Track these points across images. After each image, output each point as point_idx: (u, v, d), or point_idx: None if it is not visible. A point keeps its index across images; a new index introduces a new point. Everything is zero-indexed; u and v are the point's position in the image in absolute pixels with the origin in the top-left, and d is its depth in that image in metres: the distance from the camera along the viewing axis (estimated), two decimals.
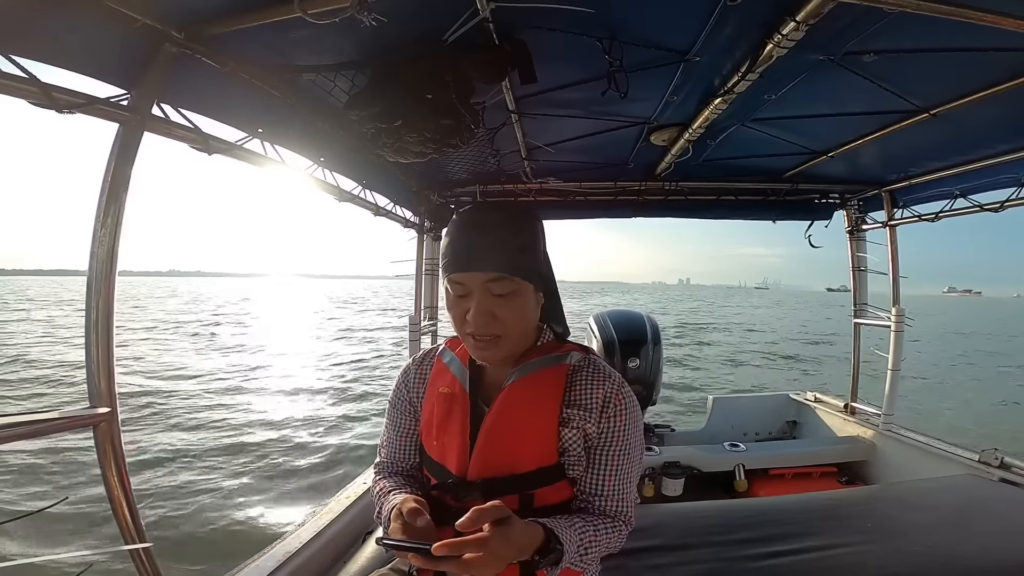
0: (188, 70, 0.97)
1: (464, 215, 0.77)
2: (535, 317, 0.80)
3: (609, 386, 0.77)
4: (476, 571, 0.57)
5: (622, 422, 0.76)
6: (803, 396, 3.10)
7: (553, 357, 0.80)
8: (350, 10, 0.78)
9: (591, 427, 0.76)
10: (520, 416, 0.76)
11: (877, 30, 0.98)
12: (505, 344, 0.75)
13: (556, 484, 0.75)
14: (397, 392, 0.91)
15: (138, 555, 0.94)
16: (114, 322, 0.91)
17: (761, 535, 1.27)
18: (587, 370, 0.79)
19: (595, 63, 1.11)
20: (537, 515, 0.72)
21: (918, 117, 1.43)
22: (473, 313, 0.73)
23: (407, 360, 0.97)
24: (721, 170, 2.19)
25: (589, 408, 0.76)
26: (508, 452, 0.75)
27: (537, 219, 0.80)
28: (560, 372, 0.78)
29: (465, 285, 0.74)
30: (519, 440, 0.75)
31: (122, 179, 0.89)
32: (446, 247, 0.76)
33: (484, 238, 0.73)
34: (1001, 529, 1.35)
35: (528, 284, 0.75)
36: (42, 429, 0.81)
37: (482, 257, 0.72)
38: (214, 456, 5.13)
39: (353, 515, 1.67)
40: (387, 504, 0.79)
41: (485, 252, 0.72)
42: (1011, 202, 1.89)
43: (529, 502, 0.74)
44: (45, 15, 0.75)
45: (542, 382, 0.77)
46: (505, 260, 0.72)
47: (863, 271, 2.64)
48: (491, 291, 0.73)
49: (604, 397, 0.76)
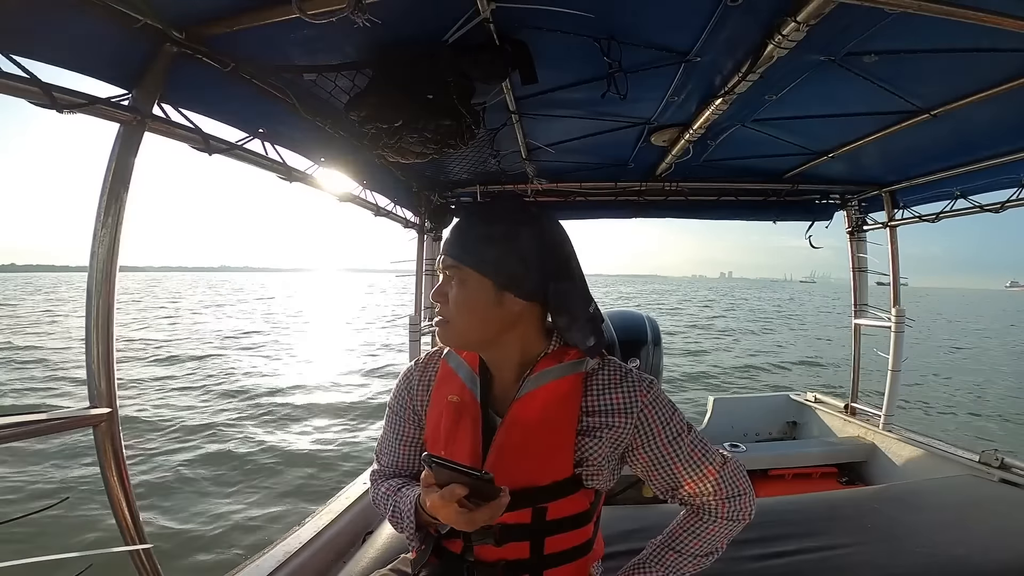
0: (189, 70, 0.97)
1: (468, 209, 0.81)
2: (493, 316, 0.74)
3: (629, 385, 0.74)
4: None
5: (658, 414, 0.74)
6: (803, 397, 3.10)
7: (568, 364, 0.76)
8: (346, 11, 0.77)
9: (622, 432, 0.73)
10: (535, 429, 0.73)
11: (878, 31, 0.98)
12: (451, 330, 0.76)
13: (571, 496, 0.73)
14: (398, 397, 0.87)
15: (138, 556, 0.93)
16: (114, 322, 0.91)
17: (760, 536, 1.27)
18: (604, 373, 0.76)
19: (596, 63, 1.11)
20: (551, 527, 0.72)
21: (919, 118, 1.43)
22: (433, 290, 0.78)
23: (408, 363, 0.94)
24: (722, 171, 2.19)
25: (613, 412, 0.73)
26: (522, 466, 0.72)
27: (536, 228, 0.75)
28: (576, 380, 0.75)
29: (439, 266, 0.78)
30: (534, 454, 0.72)
31: (123, 179, 0.89)
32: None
33: (469, 230, 0.76)
34: (1001, 530, 1.35)
35: (480, 276, 0.73)
36: (42, 429, 0.81)
37: (455, 246, 0.76)
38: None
39: (353, 515, 1.67)
40: (402, 500, 0.77)
41: (459, 243, 0.75)
42: (1012, 203, 1.89)
43: (542, 515, 0.72)
44: (46, 15, 0.75)
45: (557, 392, 0.74)
46: (467, 252, 0.74)
47: (863, 272, 2.64)
48: (450, 277, 0.76)
49: (627, 398, 0.74)
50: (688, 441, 0.75)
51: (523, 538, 0.72)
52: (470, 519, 0.62)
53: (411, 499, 0.75)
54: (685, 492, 0.76)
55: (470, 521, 0.62)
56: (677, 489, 0.76)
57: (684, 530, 0.78)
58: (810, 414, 2.98)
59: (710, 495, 0.76)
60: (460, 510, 0.61)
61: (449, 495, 0.60)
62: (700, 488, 0.75)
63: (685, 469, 0.74)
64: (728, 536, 0.78)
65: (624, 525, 1.09)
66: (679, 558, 0.77)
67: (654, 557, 0.79)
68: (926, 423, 6.42)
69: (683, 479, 0.75)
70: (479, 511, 0.62)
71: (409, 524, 0.75)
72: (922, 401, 8.00)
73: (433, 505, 0.63)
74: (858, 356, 2.74)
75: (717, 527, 0.77)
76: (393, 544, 1.24)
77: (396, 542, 1.24)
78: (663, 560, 0.78)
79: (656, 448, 0.74)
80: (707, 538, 0.77)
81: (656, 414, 0.74)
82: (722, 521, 0.76)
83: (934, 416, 7.22)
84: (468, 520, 0.62)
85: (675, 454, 0.74)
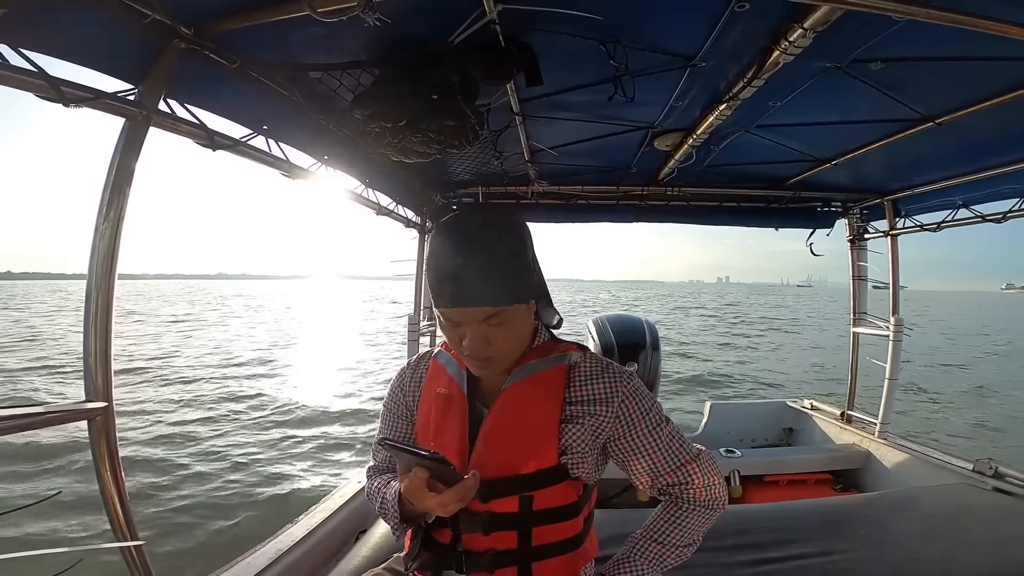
0: (195, 67, 0.97)
1: (447, 236, 0.70)
2: (530, 327, 0.79)
3: (610, 377, 0.77)
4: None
5: (637, 404, 0.76)
6: (800, 404, 3.10)
7: (553, 358, 0.79)
8: (356, 9, 0.78)
9: (603, 422, 0.75)
10: (520, 417, 0.75)
11: (885, 38, 0.98)
12: (503, 362, 0.75)
13: (558, 486, 0.75)
14: (392, 396, 0.90)
15: (129, 553, 0.92)
16: (113, 317, 0.90)
17: (755, 541, 1.27)
18: (586, 365, 0.79)
19: (600, 67, 1.11)
20: (538, 518, 0.74)
21: (923, 126, 1.43)
22: (469, 342, 0.70)
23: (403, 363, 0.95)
24: (724, 176, 2.19)
25: (594, 402, 0.76)
26: (508, 454, 0.74)
27: (524, 229, 0.75)
28: (560, 371, 0.78)
29: (458, 319, 0.70)
30: (519, 442, 0.75)
31: (126, 174, 0.89)
32: (432, 273, 0.70)
33: (474, 268, 0.67)
34: (995, 538, 1.35)
35: (518, 306, 0.71)
36: (37, 422, 0.81)
37: (474, 292, 0.67)
38: None
39: (347, 514, 1.67)
40: (389, 491, 0.80)
41: (478, 286, 0.67)
42: (1014, 213, 1.90)
43: (529, 504, 0.74)
44: (54, 9, 0.75)
45: (542, 382, 0.77)
46: (499, 292, 0.68)
47: (863, 280, 2.64)
48: (487, 322, 0.69)
49: (608, 389, 0.76)
50: (667, 432, 0.78)
51: (511, 527, 0.74)
52: (440, 502, 0.66)
53: (395, 492, 0.78)
54: (664, 481, 0.78)
55: (441, 504, 0.66)
56: (657, 478, 0.78)
57: (665, 521, 0.80)
58: (806, 421, 2.98)
59: (688, 484, 0.78)
60: (430, 493, 0.66)
61: (414, 477, 0.66)
62: (679, 477, 0.78)
63: (664, 458, 0.77)
64: (705, 525, 0.81)
65: (619, 528, 1.09)
66: (662, 549, 0.79)
67: (638, 551, 0.80)
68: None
69: (662, 467, 0.77)
70: (447, 493, 0.66)
71: (394, 514, 0.78)
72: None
73: (406, 490, 0.68)
74: (856, 364, 2.74)
75: (696, 515, 0.79)
76: (386, 543, 1.24)
77: (389, 541, 1.24)
78: (646, 553, 0.79)
79: (636, 437, 0.76)
80: (687, 527, 0.79)
81: (635, 404, 0.76)
82: (700, 510, 0.79)
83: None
84: (439, 503, 0.66)
85: (655, 443, 0.77)
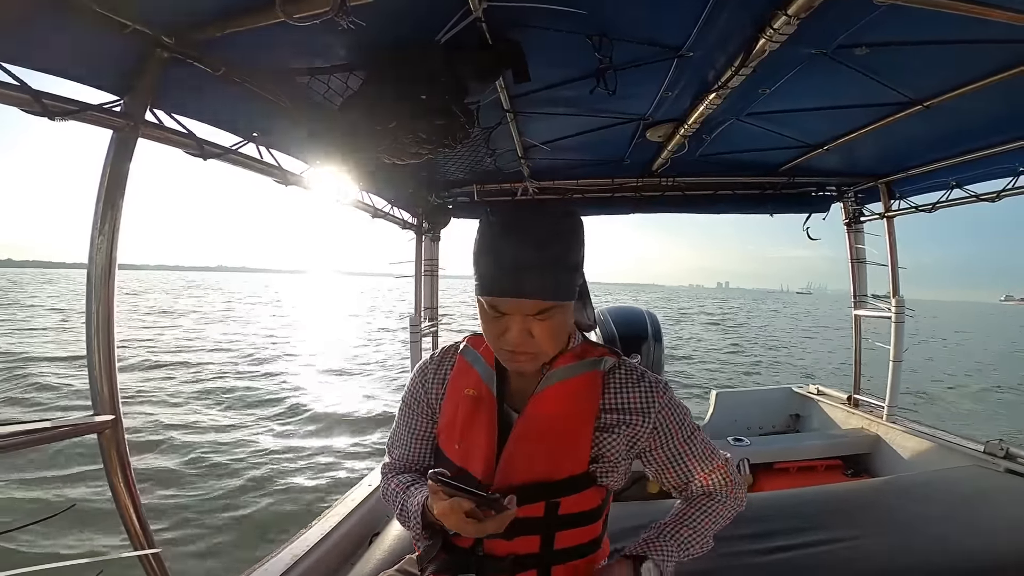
0: (180, 75, 0.97)
1: (506, 223, 0.68)
2: (570, 326, 0.77)
3: (646, 386, 0.77)
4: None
5: (673, 416, 0.77)
6: (806, 389, 3.11)
7: (587, 362, 0.77)
8: (330, 13, 0.77)
9: (640, 432, 0.75)
10: (552, 423, 0.74)
11: (868, 23, 0.98)
12: (541, 358, 0.74)
13: (584, 492, 0.74)
14: (412, 391, 0.87)
15: (147, 561, 0.93)
16: (115, 327, 0.90)
17: (767, 530, 1.27)
18: (621, 373, 0.78)
19: (589, 61, 1.11)
20: (562, 523, 0.74)
21: (912, 109, 1.43)
22: (512, 335, 0.68)
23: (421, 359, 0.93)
24: (717, 165, 2.19)
25: (629, 411, 0.75)
26: (538, 460, 0.73)
27: (582, 225, 0.73)
28: (595, 377, 0.76)
29: (507, 309, 0.68)
30: (551, 447, 0.73)
31: (118, 185, 0.89)
32: (483, 258, 0.68)
33: (537, 260, 0.65)
34: (1007, 520, 1.35)
35: (564, 303, 0.70)
36: (45, 438, 0.81)
37: (533, 284, 0.66)
38: None
39: (360, 517, 1.67)
40: (411, 501, 0.78)
41: (535, 275, 0.66)
42: (1007, 192, 1.90)
43: (554, 510, 0.73)
44: (35, 22, 0.75)
45: (576, 388, 0.75)
46: (555, 287, 0.67)
47: (862, 263, 2.65)
48: (535, 316, 0.68)
49: (645, 399, 0.76)
50: (700, 440, 0.80)
51: (534, 532, 0.73)
52: (479, 529, 0.64)
53: (418, 502, 0.76)
54: (696, 486, 0.81)
55: (480, 530, 0.65)
56: (689, 484, 0.81)
57: (696, 508, 0.81)
58: (813, 406, 2.99)
59: (719, 486, 0.81)
60: (468, 520, 0.64)
61: (457, 506, 0.63)
62: (710, 480, 0.81)
63: (698, 465, 0.80)
64: (727, 520, 0.82)
65: (630, 521, 1.10)
66: (692, 535, 0.80)
67: (668, 532, 0.80)
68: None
69: (696, 474, 0.80)
70: (489, 523, 0.64)
71: (416, 525, 0.76)
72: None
73: (441, 512, 0.66)
74: (859, 347, 2.75)
75: (725, 507, 0.82)
76: (400, 545, 1.24)
77: (403, 543, 1.24)
78: (677, 536, 0.79)
79: (672, 447, 0.78)
80: (715, 516, 0.81)
81: (672, 416, 0.77)
82: (730, 502, 0.82)
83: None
84: (477, 529, 0.65)
85: (690, 452, 0.79)
